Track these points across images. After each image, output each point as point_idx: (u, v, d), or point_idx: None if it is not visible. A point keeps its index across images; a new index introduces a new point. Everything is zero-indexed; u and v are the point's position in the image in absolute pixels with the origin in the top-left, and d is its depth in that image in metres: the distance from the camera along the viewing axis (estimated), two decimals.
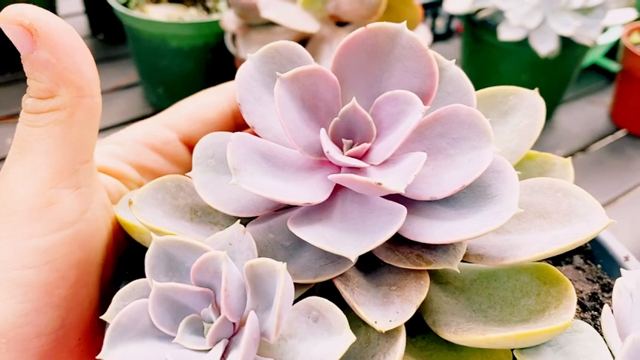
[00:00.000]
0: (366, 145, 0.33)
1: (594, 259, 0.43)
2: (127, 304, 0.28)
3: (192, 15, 1.09)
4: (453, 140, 0.33)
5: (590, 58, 1.37)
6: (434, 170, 0.33)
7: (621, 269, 0.30)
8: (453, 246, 0.32)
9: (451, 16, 1.48)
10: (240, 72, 0.36)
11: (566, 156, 1.16)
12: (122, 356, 0.27)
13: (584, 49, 1.11)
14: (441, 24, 1.50)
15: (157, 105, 1.20)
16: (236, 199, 0.33)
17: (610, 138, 1.23)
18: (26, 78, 0.33)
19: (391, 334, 0.29)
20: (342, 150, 0.34)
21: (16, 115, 1.17)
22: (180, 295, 0.28)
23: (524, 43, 1.05)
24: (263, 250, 0.32)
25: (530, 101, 0.41)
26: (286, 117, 0.32)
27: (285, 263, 0.27)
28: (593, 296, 0.39)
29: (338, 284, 0.30)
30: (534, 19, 1.02)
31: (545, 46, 1.03)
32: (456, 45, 1.48)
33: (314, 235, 0.29)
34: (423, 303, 0.34)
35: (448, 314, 0.32)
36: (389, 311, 0.29)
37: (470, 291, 0.34)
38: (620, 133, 1.24)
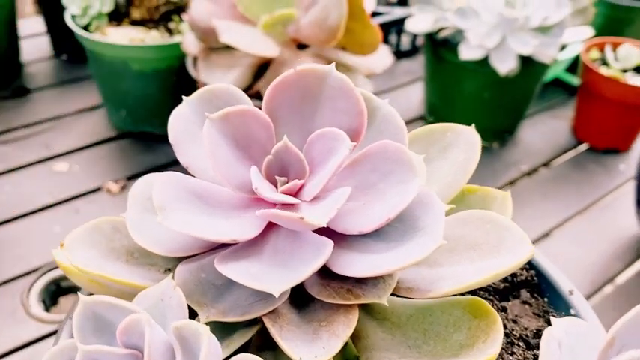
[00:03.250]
0: (297, 182, 0.34)
1: (541, 293, 0.44)
2: None
3: (154, 37, 1.09)
4: (383, 175, 0.34)
5: (552, 73, 1.40)
6: (365, 205, 0.34)
7: (551, 318, 0.31)
8: (383, 279, 0.32)
9: (415, 36, 1.50)
10: (174, 114, 0.36)
11: (529, 171, 1.19)
12: None
13: (544, 66, 1.13)
14: (406, 41, 1.52)
15: (121, 128, 1.19)
16: (169, 240, 0.33)
17: (572, 152, 1.25)
18: None
19: None
20: (276, 188, 0.34)
21: None
22: (107, 358, 0.28)
23: (484, 62, 1.07)
24: (194, 290, 0.32)
25: (467, 137, 0.42)
26: (216, 156, 0.32)
27: (207, 326, 0.27)
28: (538, 333, 0.39)
29: (266, 321, 0.30)
30: (493, 39, 1.04)
31: (505, 65, 1.05)
32: (421, 61, 1.50)
33: (240, 272, 0.29)
34: (360, 339, 0.34)
35: (382, 350, 0.33)
36: (316, 346, 0.29)
37: (406, 326, 0.35)
38: (582, 147, 1.26)
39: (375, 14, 1.41)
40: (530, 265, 0.45)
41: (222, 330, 0.33)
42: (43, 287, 0.90)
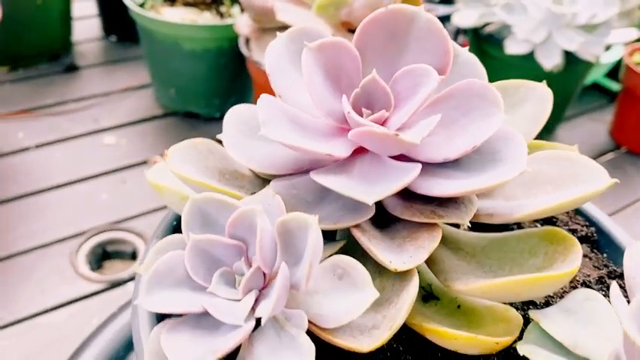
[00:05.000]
0: (384, 113, 0.36)
1: (600, 249, 0.45)
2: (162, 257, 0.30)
3: (206, 18, 1.13)
4: (467, 111, 0.36)
5: (591, 78, 1.40)
6: (447, 137, 0.35)
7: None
8: (464, 204, 0.34)
9: (457, 32, 1.52)
10: (269, 49, 0.38)
11: None
12: (158, 303, 0.29)
13: (587, 65, 1.14)
14: None
15: (168, 107, 1.22)
16: (263, 158, 0.36)
17: (610, 155, 1.26)
18: (36, 76, 0.35)
19: (403, 278, 0.31)
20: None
21: (27, 110, 1.20)
22: (215, 247, 0.30)
23: (529, 58, 1.08)
24: (286, 204, 0.34)
25: (539, 92, 0.43)
26: (312, 82, 0.34)
27: (316, 217, 0.29)
28: (600, 280, 0.41)
29: (355, 232, 0.32)
30: (540, 34, 1.06)
31: (550, 61, 1.06)
32: None
33: (335, 182, 0.31)
34: (436, 264, 0.36)
35: (459, 273, 0.34)
36: (403, 255, 0.31)
37: (480, 255, 0.36)
38: (621, 151, 1.27)
39: None
40: (590, 222, 0.46)
41: None
42: (90, 249, 0.93)
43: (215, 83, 1.15)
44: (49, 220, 0.95)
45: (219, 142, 0.38)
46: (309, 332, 0.29)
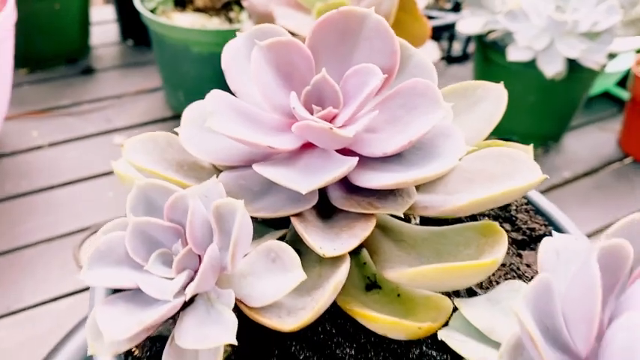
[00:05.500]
0: (332, 110, 0.37)
1: None
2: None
3: (214, 24, 1.16)
4: (410, 109, 0.37)
5: (602, 86, 1.40)
6: (390, 134, 0.37)
7: (553, 232, 0.33)
8: (402, 196, 0.35)
9: (468, 40, 1.53)
10: (227, 45, 0.41)
11: (571, 178, 1.19)
12: (97, 277, 0.31)
13: (591, 73, 1.14)
14: (457, 47, 1.55)
15: (177, 108, 1.26)
16: (215, 151, 0.38)
17: (617, 164, 1.25)
18: (54, 78, 0.38)
19: (336, 264, 0.33)
20: (312, 115, 0.38)
21: (43, 111, 1.24)
22: (154, 229, 0.33)
23: (531, 65, 1.09)
24: (233, 193, 0.36)
25: (495, 93, 0.45)
26: (260, 79, 0.36)
27: (242, 201, 0.31)
28: None
29: (294, 220, 0.34)
30: (542, 42, 1.06)
31: (552, 68, 1.06)
32: (471, 68, 1.52)
33: (274, 173, 0.33)
34: (379, 255, 0.37)
35: (397, 263, 0.36)
36: (336, 243, 0.33)
37: (421, 247, 0.38)
38: (628, 160, 1.26)
39: (428, 18, 1.44)
40: (549, 221, 0.47)
41: (255, 232, 0.37)
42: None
43: (221, 86, 1.18)
44: (56, 215, 0.99)
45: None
46: (241, 312, 0.31)
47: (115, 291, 0.34)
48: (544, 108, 1.20)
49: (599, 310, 0.24)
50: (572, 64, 1.08)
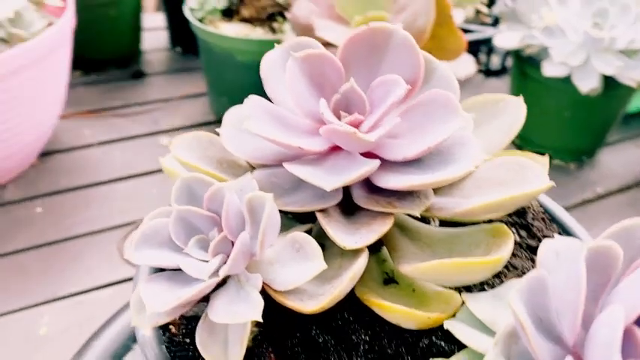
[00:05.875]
0: (358, 117, 0.41)
1: None
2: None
3: (258, 33, 1.21)
4: (431, 118, 0.40)
5: None
6: (411, 140, 0.40)
7: (555, 234, 0.36)
8: (419, 198, 0.39)
9: (506, 54, 1.54)
10: (266, 56, 0.45)
11: (604, 194, 1.19)
12: (142, 257, 0.35)
13: (628, 90, 1.14)
14: (496, 61, 1.56)
15: (220, 113, 1.31)
16: (252, 150, 0.42)
17: None
18: (106, 80, 0.42)
19: (355, 257, 0.36)
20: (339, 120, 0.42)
21: (95, 111, 1.32)
22: (194, 217, 0.37)
23: (567, 81, 1.10)
24: (265, 189, 0.39)
25: (515, 106, 0.47)
26: (294, 87, 0.40)
27: (271, 194, 0.35)
28: None
29: (319, 215, 0.38)
30: (577, 58, 1.07)
31: (587, 84, 1.07)
32: (508, 81, 1.53)
33: (303, 171, 0.37)
34: (397, 251, 0.41)
35: (412, 259, 0.39)
36: (355, 236, 0.36)
37: (436, 246, 0.41)
38: None
39: (467, 31, 1.47)
40: (564, 230, 0.50)
41: (282, 226, 0.41)
42: None
43: (262, 93, 1.23)
44: (102, 210, 1.05)
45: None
46: (270, 299, 0.35)
47: (157, 272, 0.38)
48: (579, 123, 1.21)
49: (582, 302, 0.26)
50: (609, 81, 1.08)
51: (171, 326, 0.41)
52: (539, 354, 0.27)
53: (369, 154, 0.41)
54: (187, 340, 0.40)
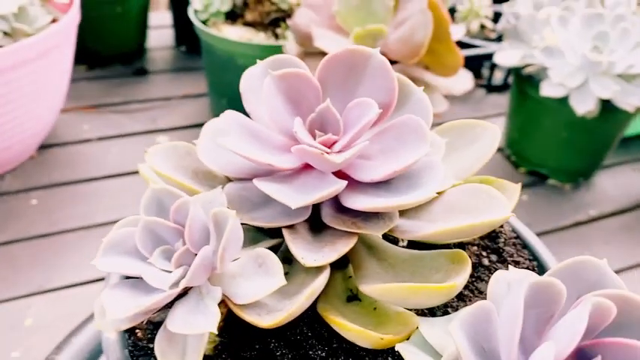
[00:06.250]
0: (332, 137, 0.42)
1: None
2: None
3: (260, 38, 1.22)
4: (402, 142, 0.41)
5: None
6: (382, 162, 0.41)
7: (509, 266, 0.37)
8: (384, 220, 0.40)
9: (510, 70, 1.55)
10: (247, 72, 0.46)
11: (598, 217, 1.20)
12: (107, 264, 0.36)
13: (626, 114, 1.14)
14: (499, 76, 1.57)
15: (219, 114, 1.32)
16: (225, 163, 0.43)
17: None
18: (109, 76, 0.44)
19: (317, 273, 0.37)
20: (314, 139, 0.43)
21: (95, 106, 1.33)
22: (160, 228, 0.38)
23: (565, 102, 1.10)
24: (234, 202, 0.40)
25: (491, 132, 0.48)
26: (270, 103, 0.41)
27: (234, 211, 0.36)
28: None
29: (285, 232, 0.39)
30: (575, 80, 1.08)
31: (584, 106, 1.08)
32: (509, 98, 1.54)
33: (270, 188, 0.38)
34: (361, 270, 0.42)
35: (374, 279, 0.40)
36: (317, 255, 0.37)
37: (400, 267, 0.42)
38: None
39: (470, 46, 1.47)
40: (534, 256, 0.50)
41: (251, 240, 0.42)
42: None
43: None
44: (96, 205, 1.06)
45: None
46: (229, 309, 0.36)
47: (126, 279, 0.39)
48: (576, 145, 1.21)
49: (517, 335, 0.27)
50: (606, 105, 1.09)
51: (137, 330, 0.42)
52: None
53: (340, 174, 0.42)
54: (151, 345, 0.41)
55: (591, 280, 0.32)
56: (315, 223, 0.42)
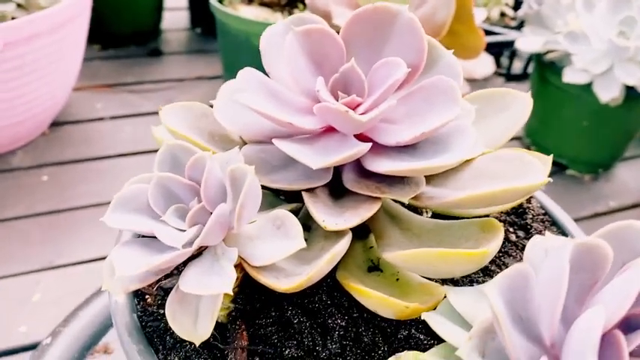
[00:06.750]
0: (356, 98, 0.40)
1: None
2: None
3: (276, 18, 1.20)
4: (430, 104, 0.39)
5: None
6: (407, 125, 0.39)
7: (547, 232, 0.35)
8: (409, 185, 0.37)
9: (530, 59, 1.51)
10: (267, 30, 0.44)
11: (618, 208, 1.16)
12: (117, 221, 0.34)
13: None
14: (518, 66, 1.54)
15: None
16: (243, 124, 0.40)
17: None
18: (123, 56, 0.41)
19: (338, 237, 0.35)
20: (337, 101, 0.41)
21: (109, 85, 1.32)
22: (174, 185, 0.36)
23: (587, 89, 1.07)
24: (252, 164, 0.38)
25: (522, 101, 0.46)
26: (291, 62, 0.39)
27: (253, 167, 0.34)
28: None
29: (305, 195, 0.36)
30: (600, 66, 1.05)
31: (608, 93, 1.04)
32: (528, 87, 1.50)
33: (291, 148, 0.36)
34: (384, 239, 0.39)
35: (397, 247, 0.38)
36: (338, 219, 0.35)
37: (425, 236, 0.39)
38: None
39: (490, 33, 1.44)
40: (563, 232, 0.48)
41: (269, 205, 0.40)
42: None
43: None
44: (107, 183, 1.05)
45: None
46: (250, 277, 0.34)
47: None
48: (597, 134, 1.18)
49: (562, 300, 0.25)
50: (630, 92, 1.06)
51: (147, 296, 0.40)
52: (513, 351, 0.26)
53: (363, 138, 0.39)
54: (161, 311, 0.39)
55: (637, 247, 0.30)
56: (336, 189, 0.40)
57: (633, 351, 0.26)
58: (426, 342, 0.37)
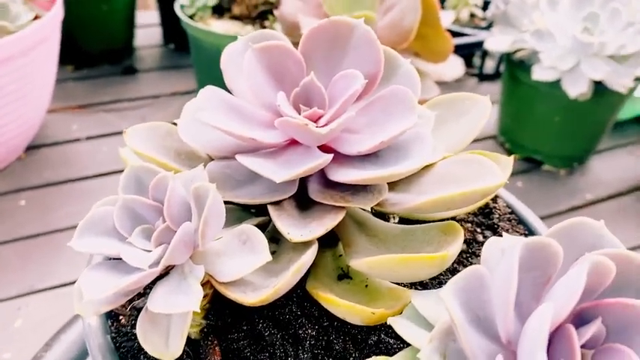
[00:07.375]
0: (318, 111, 0.40)
1: None
2: None
3: (248, 31, 1.20)
4: (389, 114, 0.40)
5: (633, 111, 1.38)
6: (367, 135, 0.40)
7: (503, 233, 0.36)
8: (372, 193, 0.38)
9: (501, 58, 1.53)
10: (228, 47, 0.44)
11: (594, 201, 1.18)
12: (85, 245, 0.35)
13: (619, 96, 1.13)
14: (490, 65, 1.56)
15: None
16: (206, 141, 0.41)
17: None
18: (97, 75, 0.42)
19: (304, 249, 0.36)
20: (299, 114, 0.41)
21: (84, 106, 1.31)
22: (139, 206, 0.36)
23: (557, 85, 1.09)
24: (218, 180, 0.39)
25: (481, 105, 0.47)
26: (251, 78, 0.40)
27: (214, 184, 0.34)
28: None
29: (270, 208, 0.37)
30: (567, 62, 1.07)
31: (576, 89, 1.06)
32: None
33: (253, 163, 0.36)
34: (352, 247, 0.40)
35: (364, 254, 0.39)
36: (303, 230, 0.36)
37: (390, 242, 0.40)
38: None
39: (460, 35, 1.46)
40: (529, 231, 0.49)
41: (236, 220, 0.41)
42: None
43: None
44: (88, 204, 1.04)
45: None
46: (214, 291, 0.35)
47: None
48: (569, 129, 1.20)
49: (513, 298, 0.26)
50: (599, 87, 1.08)
51: (121, 317, 0.41)
52: (470, 350, 0.27)
53: (327, 149, 0.40)
54: (135, 331, 0.39)
55: (589, 242, 0.31)
56: (303, 200, 0.41)
57: (585, 343, 0.27)
58: (395, 346, 0.38)
